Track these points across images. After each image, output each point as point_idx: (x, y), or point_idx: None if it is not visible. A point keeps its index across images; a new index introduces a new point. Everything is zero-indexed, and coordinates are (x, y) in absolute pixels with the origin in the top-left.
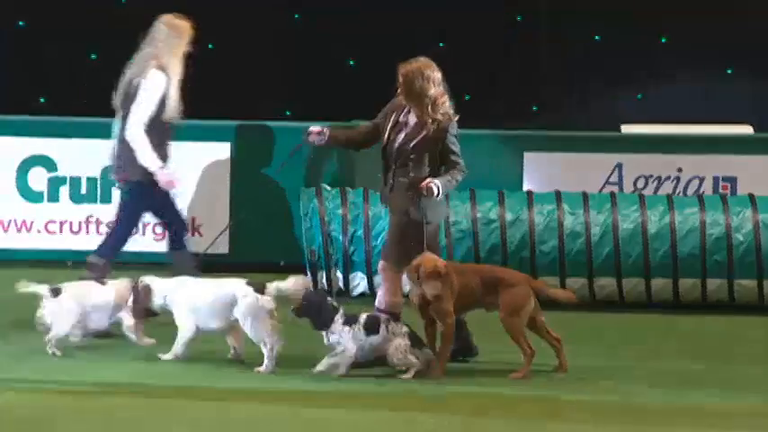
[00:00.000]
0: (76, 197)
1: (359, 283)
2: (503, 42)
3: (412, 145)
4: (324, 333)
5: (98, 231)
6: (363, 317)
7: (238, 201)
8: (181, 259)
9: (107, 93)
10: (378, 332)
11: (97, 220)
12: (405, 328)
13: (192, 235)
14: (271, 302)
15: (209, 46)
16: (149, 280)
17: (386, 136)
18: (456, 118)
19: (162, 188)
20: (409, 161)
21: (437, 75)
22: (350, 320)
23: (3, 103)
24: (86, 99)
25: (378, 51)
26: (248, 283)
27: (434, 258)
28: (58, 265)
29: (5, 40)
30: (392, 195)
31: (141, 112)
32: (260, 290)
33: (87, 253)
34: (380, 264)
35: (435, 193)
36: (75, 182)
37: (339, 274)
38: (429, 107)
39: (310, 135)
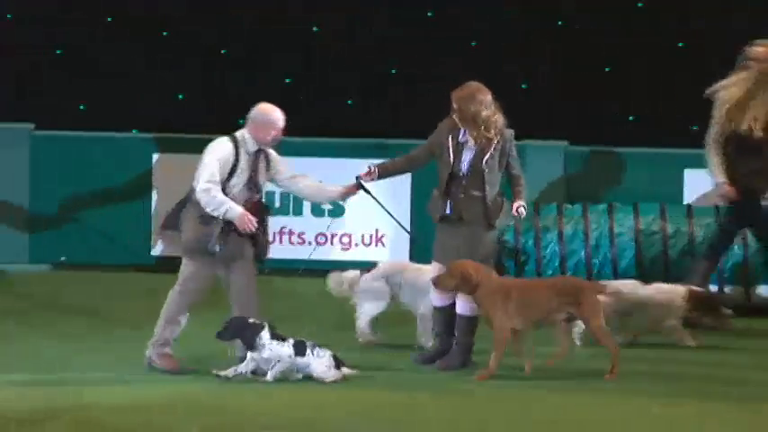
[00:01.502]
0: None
1: None
2: (666, 66)
3: (485, 162)
4: (256, 352)
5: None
6: (291, 341)
7: (418, 212)
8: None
9: None
10: (305, 354)
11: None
12: (328, 352)
13: (375, 245)
14: None
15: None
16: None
17: (451, 157)
18: (511, 132)
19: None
20: (484, 177)
21: (488, 97)
22: (277, 336)
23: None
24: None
25: (549, 75)
26: None
27: (470, 264)
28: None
29: None
30: (465, 209)
31: None
32: None
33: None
34: None
35: (526, 213)
36: None
37: None
38: (483, 128)
39: (361, 178)
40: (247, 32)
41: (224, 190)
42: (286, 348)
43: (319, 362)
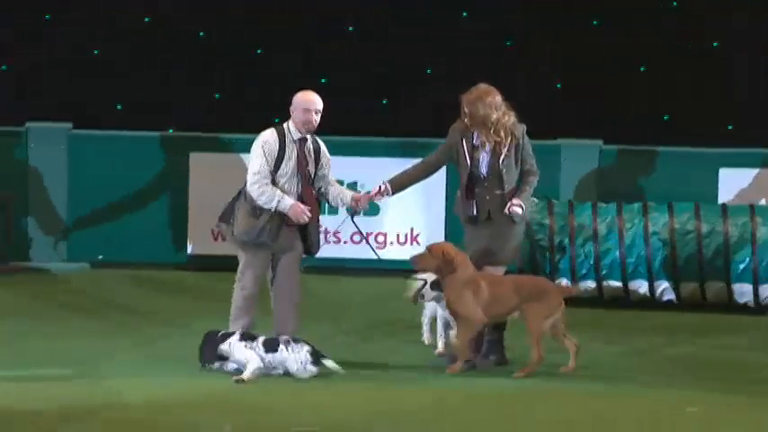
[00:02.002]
0: None
1: None
2: (701, 65)
3: (501, 162)
4: (219, 363)
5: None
6: (261, 338)
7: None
8: None
9: None
10: (277, 350)
11: None
12: (305, 347)
13: (411, 244)
14: None
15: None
16: None
17: (468, 161)
18: (522, 127)
19: None
20: (502, 175)
21: (497, 98)
22: (247, 337)
23: None
24: None
25: (586, 73)
26: None
27: (451, 246)
28: None
29: None
30: (490, 208)
31: None
32: None
33: None
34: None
35: (521, 213)
36: None
37: None
38: (492, 130)
39: (375, 197)
40: (284, 32)
41: (274, 180)
42: (255, 348)
43: (295, 357)
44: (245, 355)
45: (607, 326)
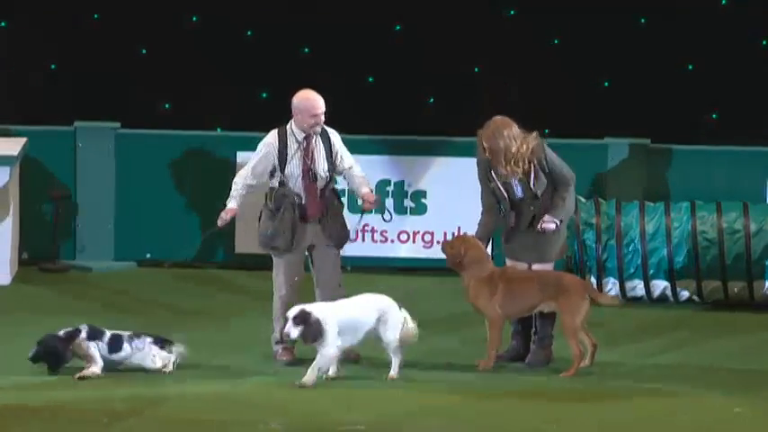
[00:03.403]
0: None
1: (611, 288)
2: (750, 64)
3: (532, 185)
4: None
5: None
6: (108, 335)
7: None
8: None
9: None
10: (121, 349)
11: None
12: (147, 339)
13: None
14: None
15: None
16: None
17: (503, 191)
18: (541, 145)
19: None
20: (537, 195)
21: (514, 129)
22: (94, 335)
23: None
24: None
25: (633, 71)
26: None
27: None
28: None
29: None
30: (532, 220)
31: None
32: None
33: None
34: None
35: (553, 228)
36: None
37: (593, 280)
38: (512, 162)
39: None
40: (331, 29)
41: (283, 182)
42: (99, 348)
43: (142, 354)
44: (94, 354)
45: (653, 325)
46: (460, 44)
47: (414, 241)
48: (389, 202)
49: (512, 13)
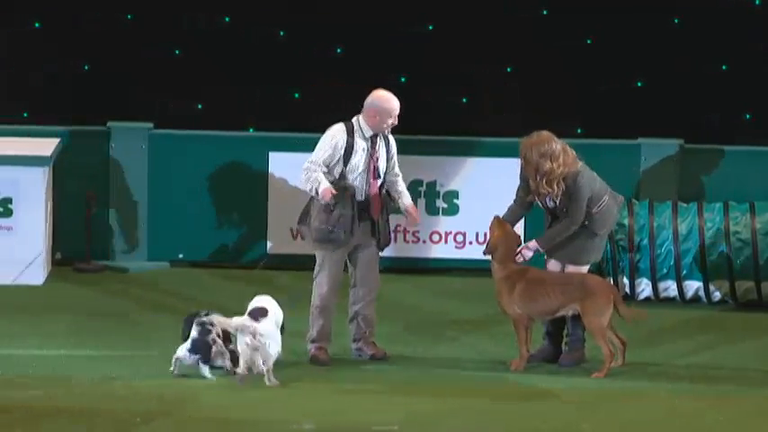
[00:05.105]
0: None
1: (644, 288)
2: None
3: (559, 202)
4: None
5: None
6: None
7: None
8: None
9: None
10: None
11: None
12: None
13: (471, 243)
14: None
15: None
16: None
17: (539, 202)
18: (576, 173)
19: None
20: (564, 212)
21: (553, 146)
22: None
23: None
24: None
25: (667, 72)
26: None
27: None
28: None
29: None
30: None
31: None
32: None
33: None
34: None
35: (530, 256)
36: None
37: (626, 280)
38: (543, 180)
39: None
40: (363, 29)
41: (343, 175)
42: None
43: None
44: None
45: (686, 326)
46: (493, 44)
47: (446, 242)
48: (421, 203)
49: (545, 12)
